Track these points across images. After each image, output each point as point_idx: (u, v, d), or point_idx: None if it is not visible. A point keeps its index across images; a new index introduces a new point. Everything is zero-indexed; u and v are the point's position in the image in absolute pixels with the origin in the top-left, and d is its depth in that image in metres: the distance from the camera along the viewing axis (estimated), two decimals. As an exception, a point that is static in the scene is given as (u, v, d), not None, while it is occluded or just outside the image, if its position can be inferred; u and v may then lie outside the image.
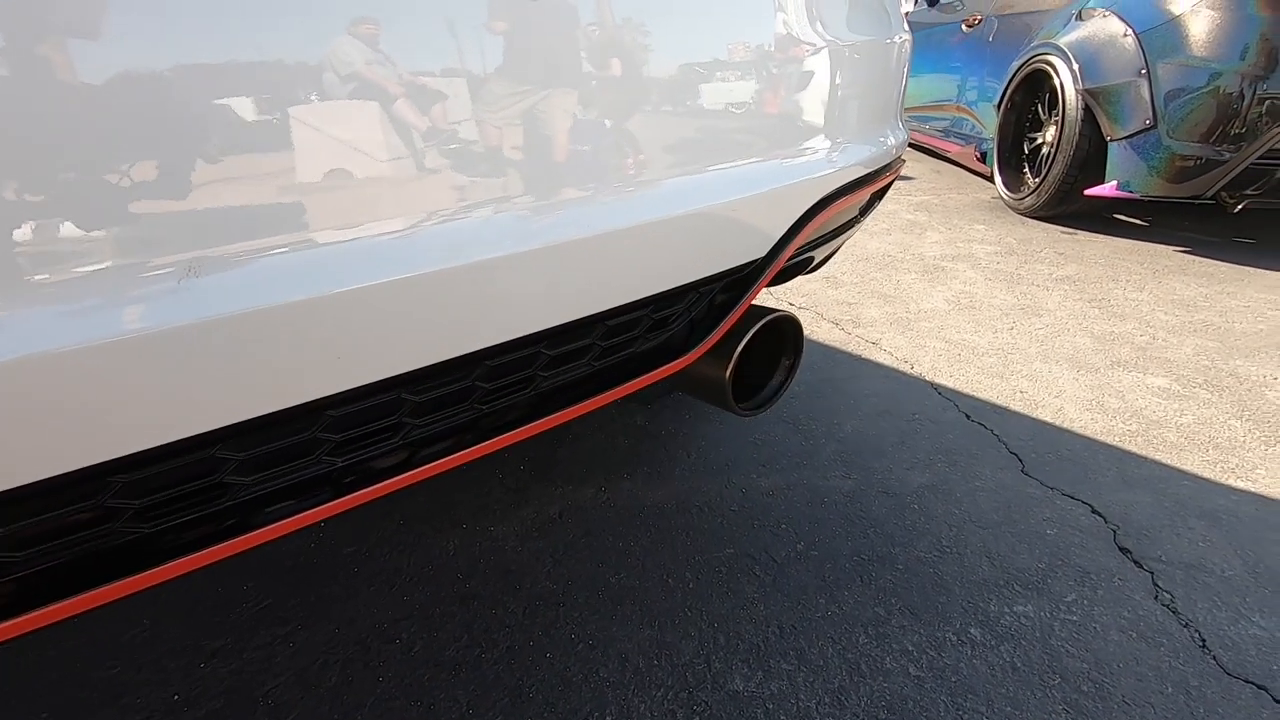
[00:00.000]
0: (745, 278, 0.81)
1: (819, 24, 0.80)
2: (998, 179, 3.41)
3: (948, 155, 4.25)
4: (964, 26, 3.97)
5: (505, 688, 0.92)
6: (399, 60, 0.49)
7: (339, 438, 0.52)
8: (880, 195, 1.09)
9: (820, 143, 0.84)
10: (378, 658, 0.97)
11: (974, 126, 3.79)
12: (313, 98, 0.46)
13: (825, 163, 0.83)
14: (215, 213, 0.41)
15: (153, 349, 0.40)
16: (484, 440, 0.61)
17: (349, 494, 0.52)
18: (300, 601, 1.06)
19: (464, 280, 0.53)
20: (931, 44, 4.31)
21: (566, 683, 0.93)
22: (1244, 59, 2.45)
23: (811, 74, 0.81)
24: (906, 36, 1.03)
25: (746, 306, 0.83)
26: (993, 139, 3.45)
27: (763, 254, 0.82)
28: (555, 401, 0.68)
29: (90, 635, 1.01)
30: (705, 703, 0.90)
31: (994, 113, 3.43)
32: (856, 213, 1.05)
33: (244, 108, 0.43)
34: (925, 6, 4.60)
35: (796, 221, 0.83)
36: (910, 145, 4.70)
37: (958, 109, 3.99)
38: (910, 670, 0.94)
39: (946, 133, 4.13)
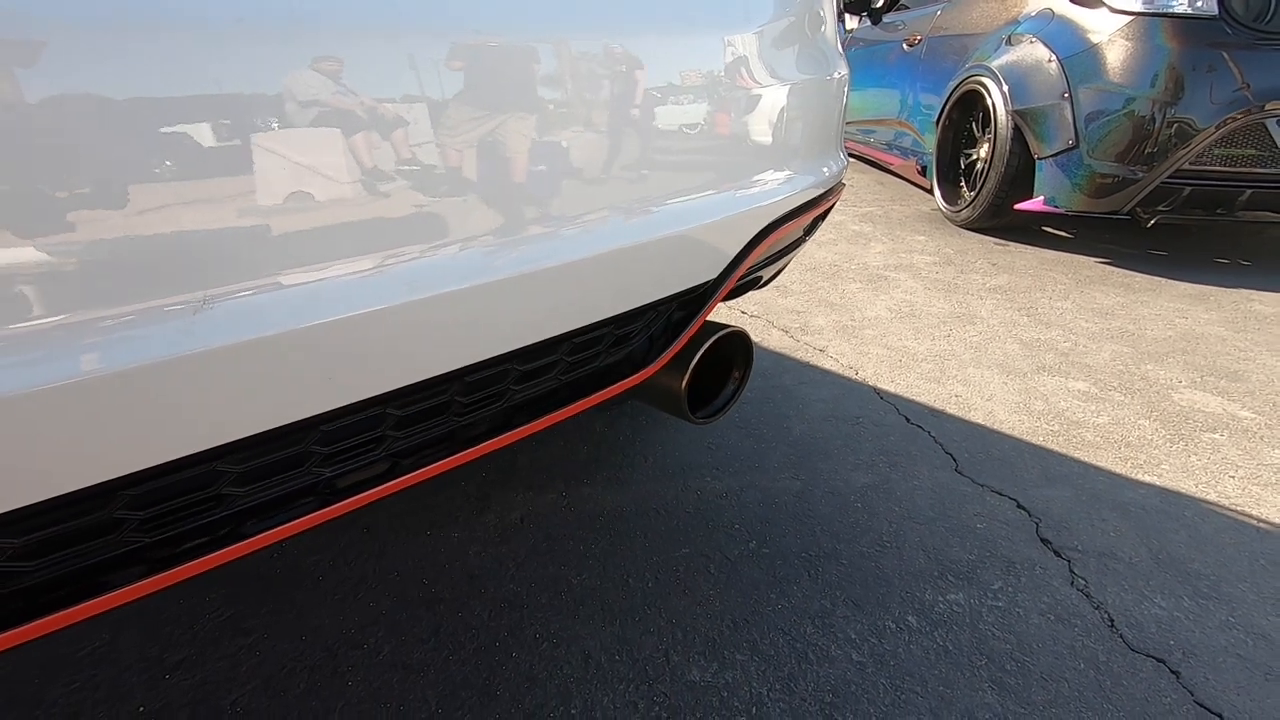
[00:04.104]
0: (700, 296, 0.88)
1: (768, 68, 0.87)
2: (936, 192, 3.59)
3: (890, 168, 4.43)
4: (905, 45, 4.15)
5: (473, 687, 0.95)
6: (363, 94, 0.53)
7: (328, 450, 0.56)
8: (823, 217, 1.17)
9: (767, 174, 0.91)
10: (345, 663, 0.99)
11: (915, 141, 3.96)
12: (304, 149, 0.50)
13: (772, 192, 0.91)
14: (226, 253, 0.45)
15: (172, 372, 0.43)
16: (460, 451, 0.65)
17: (335, 503, 0.56)
18: (264, 611, 1.07)
19: (447, 306, 0.57)
20: (876, 60, 4.48)
21: (532, 680, 0.97)
22: (1154, 86, 2.65)
23: (761, 113, 0.87)
24: (845, 71, 1.11)
25: (701, 323, 0.90)
26: (932, 154, 3.63)
27: (716, 275, 0.89)
28: (526, 413, 0.72)
29: (45, 651, 1.00)
30: (665, 693, 0.95)
31: (933, 129, 3.60)
32: (801, 234, 1.13)
33: (264, 159, 0.47)
34: (870, 24, 4.79)
35: (746, 245, 0.89)
36: (856, 157, 4.90)
37: (900, 124, 4.16)
38: (853, 656, 1.02)
39: (890, 146, 4.31)
